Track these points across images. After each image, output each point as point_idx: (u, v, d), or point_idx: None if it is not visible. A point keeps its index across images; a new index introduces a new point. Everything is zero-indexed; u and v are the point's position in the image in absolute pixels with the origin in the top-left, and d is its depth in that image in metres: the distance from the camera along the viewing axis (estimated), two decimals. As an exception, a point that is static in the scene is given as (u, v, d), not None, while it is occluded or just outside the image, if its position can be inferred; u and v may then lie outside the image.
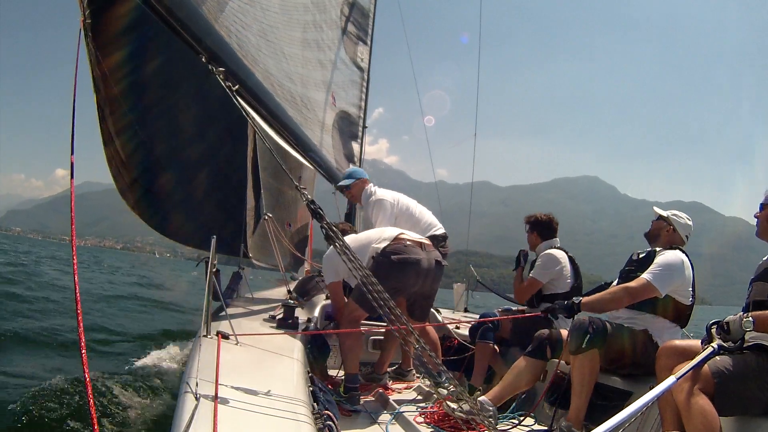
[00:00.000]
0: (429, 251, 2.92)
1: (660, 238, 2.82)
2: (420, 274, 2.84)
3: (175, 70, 3.22)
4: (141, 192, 3.15)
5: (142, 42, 2.79)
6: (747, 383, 1.82)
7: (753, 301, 2.03)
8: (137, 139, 2.95)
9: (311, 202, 2.23)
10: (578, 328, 2.51)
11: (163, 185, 3.37)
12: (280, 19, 3.52)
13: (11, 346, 5.23)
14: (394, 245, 2.80)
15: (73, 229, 1.33)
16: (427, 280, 2.92)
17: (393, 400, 2.85)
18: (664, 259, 2.61)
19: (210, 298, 1.88)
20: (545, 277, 3.44)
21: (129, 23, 2.55)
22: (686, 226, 2.80)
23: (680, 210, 2.91)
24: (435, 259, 2.94)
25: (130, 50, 2.67)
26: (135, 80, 2.82)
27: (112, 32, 2.45)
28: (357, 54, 5.09)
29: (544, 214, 3.69)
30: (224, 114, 3.49)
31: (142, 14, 2.46)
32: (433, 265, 2.92)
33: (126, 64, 2.66)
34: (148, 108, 3.05)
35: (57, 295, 9.37)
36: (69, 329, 6.28)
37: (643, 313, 2.63)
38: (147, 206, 3.24)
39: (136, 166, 3.03)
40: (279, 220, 4.47)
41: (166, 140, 3.35)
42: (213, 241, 1.98)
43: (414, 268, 2.80)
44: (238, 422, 1.26)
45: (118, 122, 2.74)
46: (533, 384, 2.84)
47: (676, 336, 2.60)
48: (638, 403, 1.46)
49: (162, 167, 3.33)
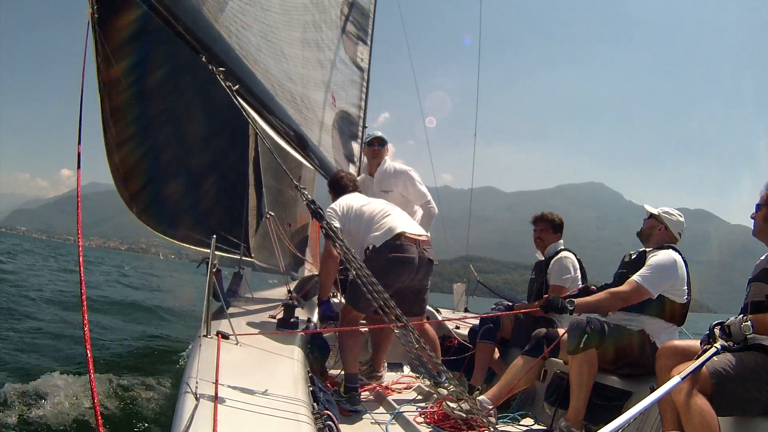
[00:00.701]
0: (423, 248, 2.87)
1: (652, 236, 2.79)
2: (412, 271, 2.81)
3: (179, 75, 3.22)
4: (147, 201, 3.16)
5: (144, 48, 2.79)
6: (745, 384, 1.82)
7: (751, 302, 2.03)
8: (143, 148, 2.95)
9: (311, 202, 2.23)
10: (576, 328, 2.51)
11: (169, 192, 3.38)
12: (280, 19, 3.53)
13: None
14: (393, 242, 2.75)
15: (79, 228, 1.33)
16: (416, 276, 2.87)
17: (393, 400, 2.85)
18: (655, 260, 2.59)
19: (210, 298, 1.88)
20: (567, 282, 3.35)
21: (131, 28, 2.55)
22: (678, 223, 2.77)
23: (686, 217, 2.86)
24: (427, 257, 2.89)
25: (133, 58, 2.67)
26: (139, 88, 2.82)
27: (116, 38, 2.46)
28: (357, 54, 5.09)
29: (551, 213, 3.66)
30: (227, 117, 3.49)
31: (144, 18, 2.47)
32: (425, 262, 2.87)
33: (129, 72, 2.67)
34: (153, 116, 3.04)
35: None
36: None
37: (638, 315, 2.62)
38: (152, 214, 3.24)
39: (141, 175, 3.04)
40: (279, 220, 4.48)
41: (171, 147, 3.36)
42: (213, 241, 1.98)
43: (408, 267, 2.77)
44: (238, 422, 1.26)
45: (123, 132, 2.75)
46: (532, 383, 2.84)
47: (673, 335, 2.61)
48: (643, 403, 1.46)
49: (168, 174, 3.34)
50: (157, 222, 3.30)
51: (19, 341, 5.50)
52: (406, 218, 3.00)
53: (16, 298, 8.34)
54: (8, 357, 4.81)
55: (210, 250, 1.96)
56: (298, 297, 3.65)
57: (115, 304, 10.00)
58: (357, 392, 2.77)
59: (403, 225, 2.84)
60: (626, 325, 2.63)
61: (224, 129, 3.76)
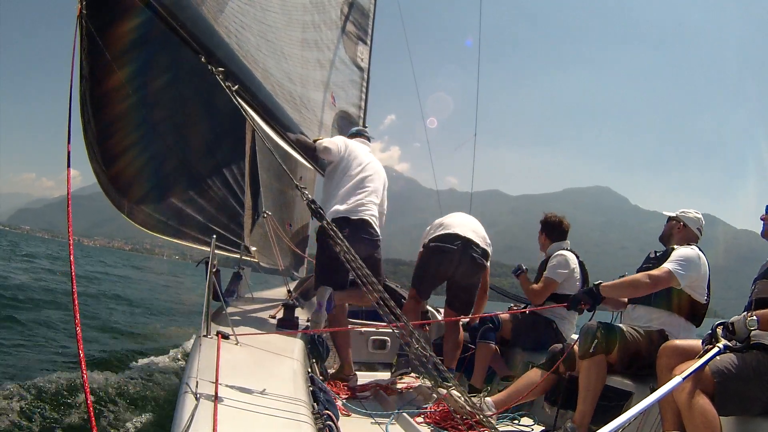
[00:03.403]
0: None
1: (673, 236, 2.84)
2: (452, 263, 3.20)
3: (179, 80, 3.19)
4: (146, 211, 3.14)
5: (147, 51, 2.78)
6: (747, 383, 1.82)
7: (756, 299, 2.03)
8: (133, 144, 2.93)
9: (311, 201, 2.23)
10: (587, 333, 2.51)
11: (165, 196, 3.35)
12: (280, 19, 3.52)
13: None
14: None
15: (69, 225, 1.33)
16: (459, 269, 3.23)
17: (393, 400, 2.85)
18: (681, 252, 2.62)
19: (210, 298, 1.88)
20: (560, 277, 3.43)
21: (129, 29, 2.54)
22: (695, 219, 2.82)
23: None
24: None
25: (129, 58, 2.65)
26: (137, 94, 2.80)
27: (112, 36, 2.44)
28: (357, 54, 5.09)
29: (555, 215, 3.71)
30: (223, 117, 3.48)
31: (142, 17, 2.46)
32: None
33: (127, 76, 2.65)
34: (146, 112, 3.01)
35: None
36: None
37: (659, 310, 2.63)
38: (148, 215, 3.22)
39: (142, 184, 3.04)
40: (280, 220, 4.47)
41: (170, 148, 3.31)
42: (213, 241, 1.98)
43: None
44: (238, 422, 1.26)
45: (122, 141, 2.74)
46: (541, 395, 2.83)
47: (691, 335, 2.59)
48: (644, 402, 1.45)
49: (164, 177, 3.31)
50: (152, 225, 3.26)
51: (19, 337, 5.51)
52: (374, 207, 3.19)
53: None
54: (8, 357, 4.81)
55: (210, 250, 1.96)
56: (298, 297, 3.65)
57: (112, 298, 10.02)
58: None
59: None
60: (646, 325, 2.62)
61: (222, 127, 3.74)
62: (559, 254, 3.52)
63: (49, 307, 8.03)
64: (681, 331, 2.59)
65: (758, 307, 1.97)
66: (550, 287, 3.44)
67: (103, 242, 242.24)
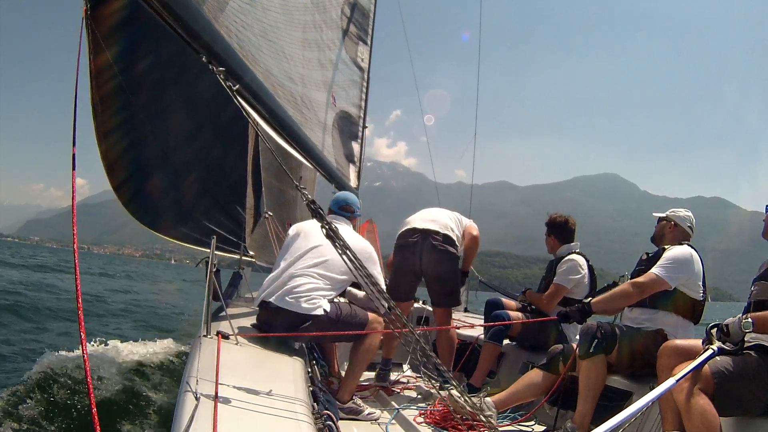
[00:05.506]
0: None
1: (665, 236, 2.85)
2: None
3: (168, 70, 3.19)
4: (132, 192, 3.13)
5: (133, 40, 2.76)
6: (747, 383, 1.82)
7: (754, 301, 2.03)
8: (127, 139, 2.93)
9: (312, 202, 2.23)
10: (586, 334, 2.52)
11: (154, 185, 3.34)
12: (281, 19, 3.52)
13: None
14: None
15: (75, 226, 1.33)
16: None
17: (393, 400, 2.85)
18: (671, 253, 2.63)
19: (210, 298, 1.88)
20: (571, 283, 3.36)
21: (122, 21, 2.53)
22: (685, 218, 2.83)
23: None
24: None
25: (122, 48, 2.64)
26: (126, 79, 2.79)
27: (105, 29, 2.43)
28: (357, 54, 5.09)
29: (559, 216, 3.63)
30: (216, 113, 3.48)
31: (133, 12, 2.46)
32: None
33: (117, 63, 2.64)
34: (139, 107, 3.01)
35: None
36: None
37: (656, 311, 2.63)
38: (139, 205, 3.22)
39: (126, 166, 3.02)
40: (280, 220, 4.48)
41: (158, 140, 3.32)
42: (213, 241, 1.98)
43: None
44: (238, 422, 1.26)
45: (108, 122, 2.73)
46: (541, 395, 2.83)
47: (689, 333, 2.60)
48: (638, 403, 1.46)
49: (153, 167, 3.30)
50: (142, 214, 3.25)
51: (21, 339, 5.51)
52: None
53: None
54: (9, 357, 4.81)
55: (210, 250, 1.96)
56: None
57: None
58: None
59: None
60: (643, 326, 2.62)
61: (222, 127, 3.74)
62: (570, 259, 3.44)
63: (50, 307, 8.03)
64: (679, 329, 2.59)
65: (756, 308, 1.97)
66: (561, 293, 3.38)
67: (113, 250, 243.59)
